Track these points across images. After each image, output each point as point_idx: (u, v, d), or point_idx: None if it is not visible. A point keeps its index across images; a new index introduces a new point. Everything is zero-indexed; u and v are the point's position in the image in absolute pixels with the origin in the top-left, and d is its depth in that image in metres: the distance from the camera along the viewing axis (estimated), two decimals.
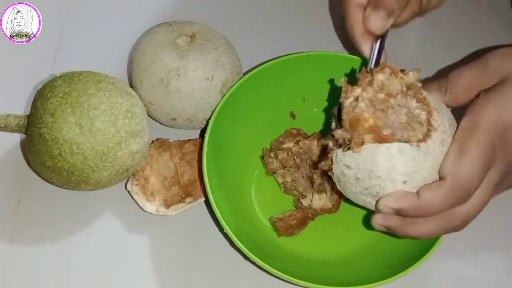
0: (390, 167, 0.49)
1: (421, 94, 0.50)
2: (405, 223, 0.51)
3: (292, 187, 0.63)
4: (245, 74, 0.63)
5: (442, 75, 0.52)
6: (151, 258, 0.60)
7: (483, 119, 0.48)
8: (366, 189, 0.51)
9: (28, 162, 0.62)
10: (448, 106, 0.52)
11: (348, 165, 0.51)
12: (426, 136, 0.49)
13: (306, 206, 0.61)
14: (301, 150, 0.63)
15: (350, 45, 0.63)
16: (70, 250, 0.59)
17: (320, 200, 0.61)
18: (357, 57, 0.63)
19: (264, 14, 0.75)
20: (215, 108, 0.60)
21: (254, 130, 0.64)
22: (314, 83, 0.64)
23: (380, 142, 0.49)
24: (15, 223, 0.60)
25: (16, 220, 0.60)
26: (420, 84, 0.51)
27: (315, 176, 0.62)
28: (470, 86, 0.51)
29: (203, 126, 0.63)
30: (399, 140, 0.49)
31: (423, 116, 0.49)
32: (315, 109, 0.65)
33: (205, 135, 0.59)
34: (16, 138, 0.63)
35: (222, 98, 0.60)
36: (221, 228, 0.58)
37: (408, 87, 0.50)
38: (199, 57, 0.60)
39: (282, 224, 0.60)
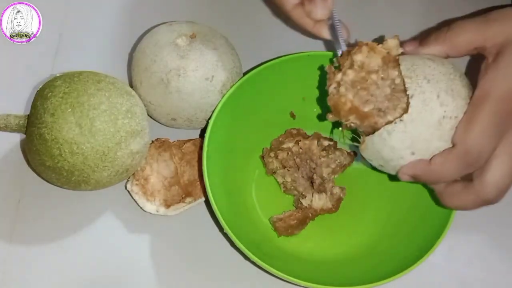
0: (391, 149, 0.52)
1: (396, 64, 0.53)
2: (443, 192, 0.54)
3: (292, 187, 0.63)
4: (245, 74, 0.63)
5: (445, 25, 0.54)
6: (151, 258, 0.60)
7: (494, 89, 0.50)
8: (394, 170, 0.54)
9: (28, 162, 0.62)
10: (447, 56, 0.54)
11: (369, 159, 0.55)
12: (407, 106, 0.51)
13: (306, 206, 0.61)
14: (301, 150, 0.63)
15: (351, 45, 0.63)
16: (70, 250, 0.59)
17: (320, 200, 0.61)
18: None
19: (264, 14, 0.75)
20: (215, 108, 0.60)
21: (254, 130, 0.64)
22: (314, 83, 0.63)
23: (363, 120, 0.53)
24: (15, 223, 0.60)
25: (16, 220, 0.60)
26: (401, 50, 0.54)
27: (315, 176, 0.62)
28: (471, 39, 0.53)
29: (203, 126, 0.63)
30: (380, 110, 0.52)
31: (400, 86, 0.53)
32: (314, 109, 0.65)
33: (205, 135, 0.59)
34: (16, 138, 0.63)
35: (222, 98, 0.60)
36: (221, 228, 0.58)
37: (386, 59, 0.53)
38: (199, 57, 0.60)
39: (282, 224, 0.60)
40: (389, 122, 0.51)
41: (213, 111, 0.60)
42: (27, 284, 0.58)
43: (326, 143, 0.64)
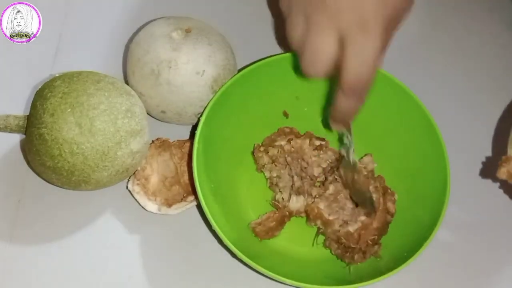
0: None
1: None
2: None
3: (275, 183, 0.63)
4: (239, 71, 0.62)
5: None
6: (153, 257, 0.60)
7: None
8: None
9: (28, 162, 0.62)
10: None
11: None
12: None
13: (281, 206, 0.61)
14: (292, 149, 0.63)
15: None
16: (71, 250, 0.60)
17: (297, 203, 0.61)
18: None
19: (268, 15, 0.75)
20: (206, 105, 0.59)
21: (248, 128, 0.63)
22: (308, 82, 0.63)
23: (327, 226, 0.60)
24: (15, 223, 0.60)
25: (16, 220, 0.60)
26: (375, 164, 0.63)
27: (295, 178, 0.62)
28: None
29: (193, 121, 0.63)
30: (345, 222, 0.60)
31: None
32: (305, 109, 0.65)
33: (196, 131, 0.58)
34: (16, 138, 0.63)
35: (214, 95, 0.60)
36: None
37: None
38: (192, 50, 0.60)
39: (262, 228, 0.60)
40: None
41: (204, 108, 0.59)
42: (27, 284, 0.58)
43: (318, 142, 0.64)
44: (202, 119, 0.58)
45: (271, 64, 0.62)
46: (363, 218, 0.60)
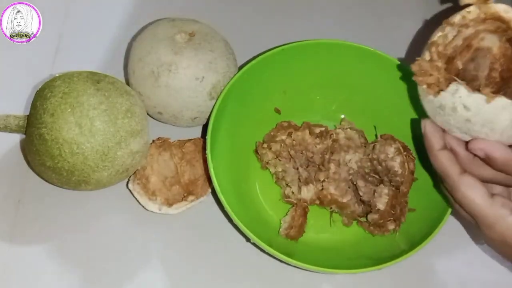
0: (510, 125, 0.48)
1: None
2: (474, 161, 0.50)
3: (281, 177, 0.63)
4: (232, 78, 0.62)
5: None
6: (154, 256, 0.60)
7: None
8: (469, 130, 0.49)
9: (28, 162, 0.62)
10: None
11: (467, 106, 0.48)
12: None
13: (294, 200, 0.62)
14: (294, 142, 0.63)
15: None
16: (71, 250, 0.60)
17: (308, 192, 0.61)
18: (326, 41, 0.63)
19: (275, 19, 0.75)
20: (210, 116, 0.59)
21: (249, 132, 0.64)
22: (292, 75, 0.64)
23: (342, 209, 0.62)
24: (15, 223, 0.60)
25: (16, 220, 0.60)
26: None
27: (300, 170, 0.62)
28: None
29: (189, 124, 0.63)
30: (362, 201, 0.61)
31: None
32: (294, 101, 0.65)
33: (206, 140, 0.58)
34: (16, 138, 0.63)
35: (214, 105, 0.60)
36: (224, 226, 0.59)
37: None
38: (193, 56, 0.60)
39: (294, 230, 0.60)
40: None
41: (209, 117, 0.59)
42: (27, 284, 0.58)
43: (318, 130, 0.64)
44: (210, 130, 0.58)
45: (255, 66, 0.62)
46: (386, 190, 0.60)
